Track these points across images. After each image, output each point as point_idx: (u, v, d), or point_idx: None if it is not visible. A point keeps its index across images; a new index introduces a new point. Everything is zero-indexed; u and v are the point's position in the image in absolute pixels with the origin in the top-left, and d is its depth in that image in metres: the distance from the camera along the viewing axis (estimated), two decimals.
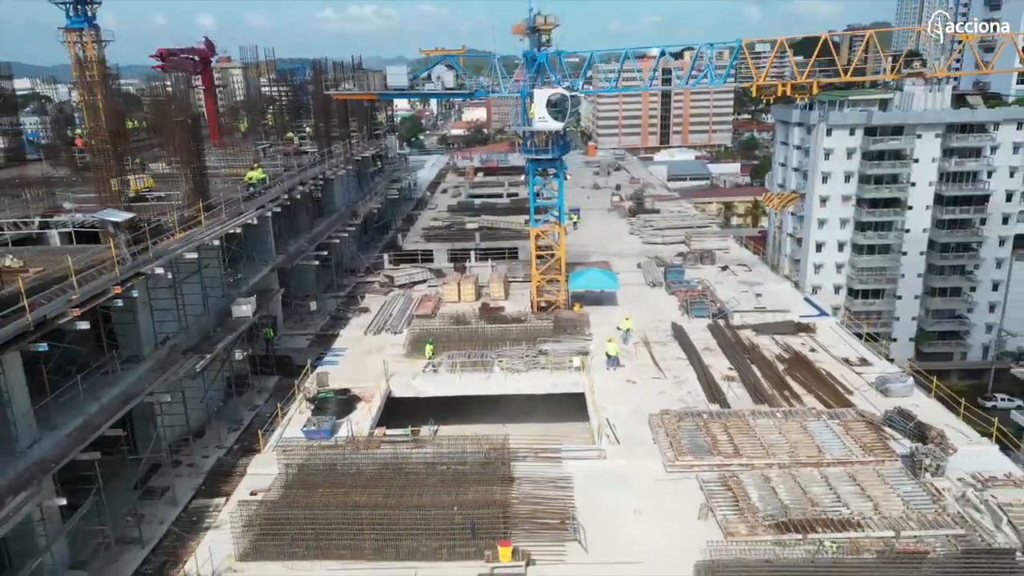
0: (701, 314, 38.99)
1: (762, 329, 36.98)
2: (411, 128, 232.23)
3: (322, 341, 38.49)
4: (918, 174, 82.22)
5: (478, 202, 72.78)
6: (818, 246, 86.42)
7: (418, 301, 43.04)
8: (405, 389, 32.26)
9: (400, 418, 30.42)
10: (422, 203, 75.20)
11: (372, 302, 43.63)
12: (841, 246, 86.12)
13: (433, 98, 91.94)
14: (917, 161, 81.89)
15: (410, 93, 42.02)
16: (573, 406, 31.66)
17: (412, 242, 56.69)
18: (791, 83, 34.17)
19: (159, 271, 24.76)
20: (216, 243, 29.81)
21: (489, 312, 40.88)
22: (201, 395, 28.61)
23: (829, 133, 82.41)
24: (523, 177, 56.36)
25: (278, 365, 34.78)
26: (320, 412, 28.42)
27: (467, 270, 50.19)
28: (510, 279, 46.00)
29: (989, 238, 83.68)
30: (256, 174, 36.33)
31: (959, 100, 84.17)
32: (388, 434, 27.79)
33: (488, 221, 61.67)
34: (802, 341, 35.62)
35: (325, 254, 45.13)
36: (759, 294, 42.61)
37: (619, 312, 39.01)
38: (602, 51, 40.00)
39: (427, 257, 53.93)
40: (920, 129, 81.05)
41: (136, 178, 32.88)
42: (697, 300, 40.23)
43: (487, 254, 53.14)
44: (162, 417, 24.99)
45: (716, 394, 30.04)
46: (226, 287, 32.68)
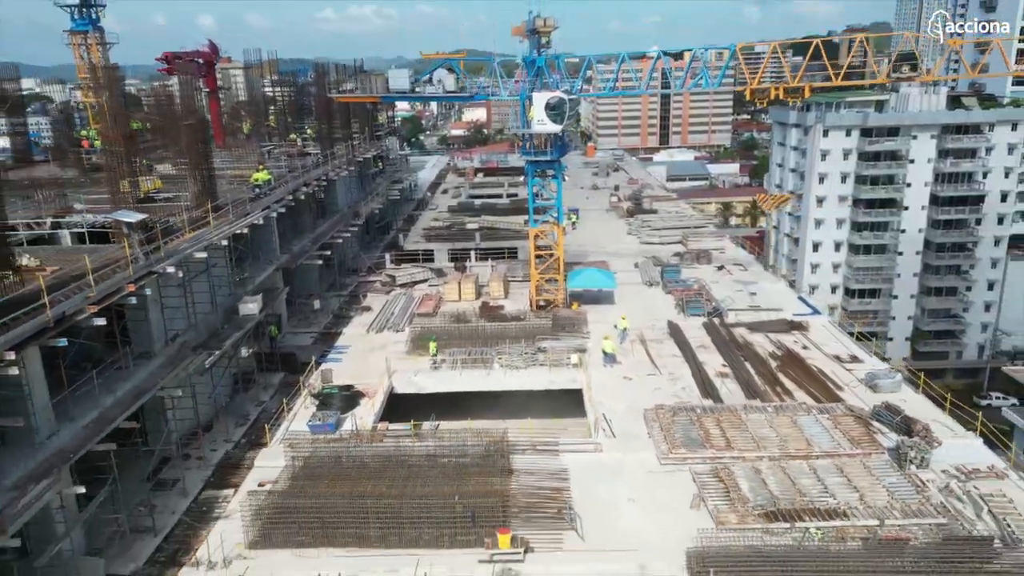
0: (697, 312, 39.72)
1: (756, 327, 37.75)
2: (412, 128, 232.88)
3: (325, 339, 39.20)
4: (914, 175, 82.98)
5: (478, 202, 73.27)
6: (815, 246, 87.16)
7: (419, 300, 43.75)
8: (407, 385, 32.98)
9: (402, 414, 31.00)
10: (423, 203, 75.81)
11: (374, 301, 44.34)
12: (838, 246, 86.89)
13: (434, 101, 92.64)
14: (913, 162, 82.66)
15: (411, 96, 42.61)
16: (571, 402, 32.34)
17: (413, 242, 57.34)
18: (784, 87, 34.95)
19: (170, 270, 25.57)
20: (224, 243, 30.59)
21: (489, 311, 41.59)
22: (209, 390, 29.43)
23: (826, 134, 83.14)
24: (523, 178, 57.05)
25: (283, 362, 35.51)
26: (325, 407, 29.19)
27: (467, 270, 50.86)
28: (510, 278, 46.66)
29: (984, 238, 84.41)
30: (262, 176, 37.12)
31: (954, 101, 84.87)
32: (391, 428, 28.54)
33: (488, 221, 62.33)
34: (795, 339, 36.39)
35: (328, 254, 45.78)
36: (754, 293, 43.35)
37: (616, 311, 39.72)
38: (600, 54, 40.79)
39: (428, 257, 54.56)
40: (916, 130, 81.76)
41: (144, 179, 33.69)
42: (693, 299, 40.92)
43: (487, 254, 53.79)
44: (173, 411, 25.82)
45: (710, 390, 30.80)
46: (233, 286, 33.46)
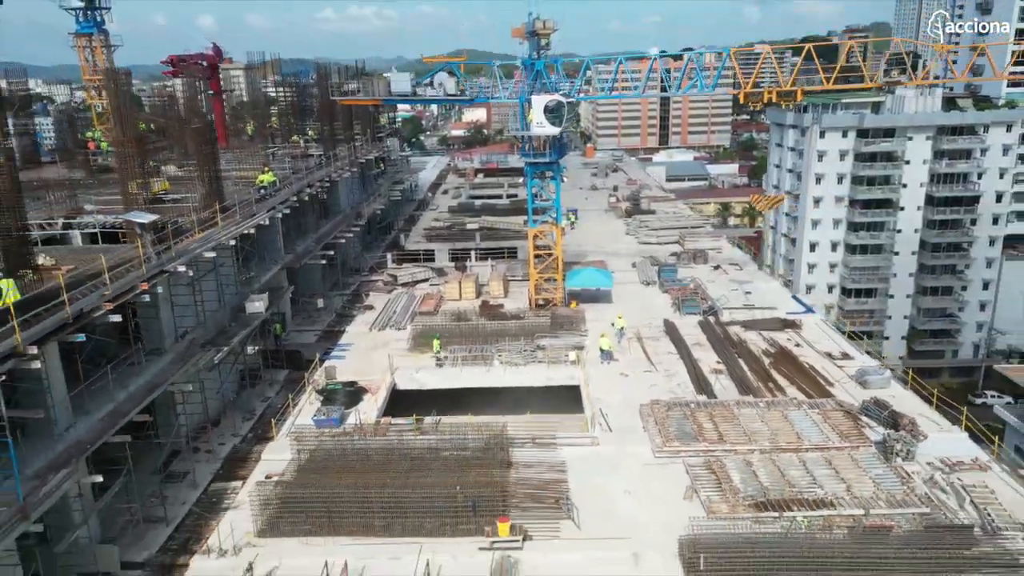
0: (692, 311, 40.44)
1: (750, 325, 38.55)
2: (412, 129, 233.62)
3: (329, 337, 40.02)
4: (909, 175, 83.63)
5: (478, 203, 74.04)
6: (812, 246, 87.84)
7: (420, 299, 44.47)
8: (409, 382, 33.74)
9: (404, 409, 31.46)
10: (423, 204, 76.65)
11: (376, 300, 45.10)
12: (834, 246, 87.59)
13: (435, 104, 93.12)
14: (908, 163, 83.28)
15: (413, 99, 43.17)
16: (569, 398, 33.01)
17: (414, 242, 58.13)
18: (776, 91, 35.74)
19: (181, 269, 26.44)
20: (232, 243, 31.47)
21: (489, 309, 42.30)
22: (218, 386, 30.29)
23: (822, 135, 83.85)
24: (522, 179, 57.88)
25: (288, 359, 36.38)
26: (329, 403, 29.95)
27: (468, 269, 51.59)
28: (509, 278, 47.36)
29: (979, 238, 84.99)
30: (267, 177, 37.97)
31: (950, 103, 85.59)
32: (393, 423, 29.30)
33: (488, 222, 63.17)
34: (788, 336, 37.19)
35: (331, 254, 46.61)
36: (748, 292, 44.13)
37: (614, 309, 40.44)
38: (598, 57, 41.48)
39: (429, 256, 55.31)
40: (911, 131, 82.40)
41: (154, 181, 34.54)
42: (689, 298, 41.70)
43: (487, 254, 54.55)
44: (183, 406, 26.67)
45: (704, 386, 31.61)
46: (239, 285, 34.32)
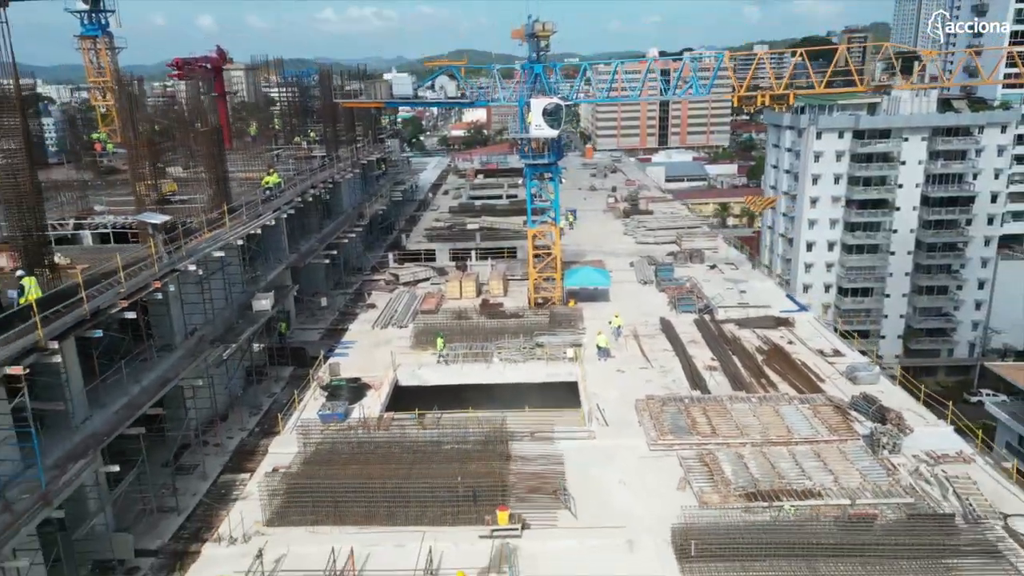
0: (688, 309, 41.21)
1: (744, 323, 39.37)
2: (412, 129, 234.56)
3: (332, 334, 40.86)
4: (905, 176, 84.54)
5: (478, 203, 74.73)
6: (808, 246, 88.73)
7: (422, 298, 45.19)
8: (411, 378, 34.52)
9: (406, 405, 32.25)
10: (424, 204, 77.44)
11: (378, 299, 45.82)
12: (831, 246, 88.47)
13: (436, 107, 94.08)
14: (904, 163, 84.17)
15: (414, 102, 43.96)
16: (566, 394, 33.77)
17: (415, 242, 58.87)
18: (770, 94, 36.56)
19: (191, 268, 27.32)
20: (239, 242, 32.36)
21: (489, 308, 43.05)
22: (226, 381, 31.17)
23: (819, 136, 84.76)
24: (522, 179, 58.77)
25: (293, 356, 37.24)
26: (333, 398, 30.76)
27: (468, 268, 52.36)
28: (509, 277, 48.09)
29: (975, 238, 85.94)
30: (272, 179, 38.84)
31: (945, 104, 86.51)
32: (396, 418, 30.20)
33: (488, 222, 63.96)
34: (781, 334, 38.02)
35: (334, 253, 47.47)
36: (743, 291, 44.92)
37: (611, 308, 41.18)
38: (598, 58, 42.27)
39: (430, 256, 56.03)
40: (907, 132, 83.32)
41: (162, 183, 35.41)
42: (685, 296, 42.49)
43: (487, 253, 55.32)
44: (193, 400, 27.54)
45: (698, 382, 32.45)
46: (246, 283, 35.20)
